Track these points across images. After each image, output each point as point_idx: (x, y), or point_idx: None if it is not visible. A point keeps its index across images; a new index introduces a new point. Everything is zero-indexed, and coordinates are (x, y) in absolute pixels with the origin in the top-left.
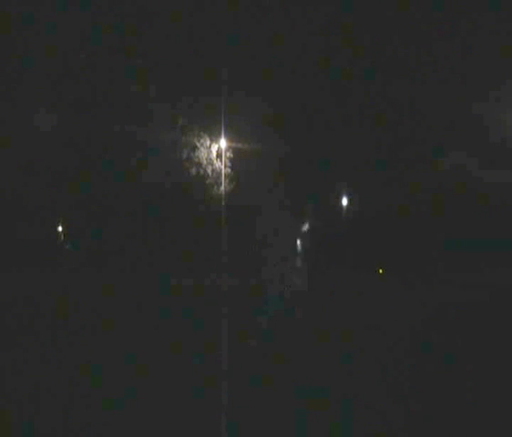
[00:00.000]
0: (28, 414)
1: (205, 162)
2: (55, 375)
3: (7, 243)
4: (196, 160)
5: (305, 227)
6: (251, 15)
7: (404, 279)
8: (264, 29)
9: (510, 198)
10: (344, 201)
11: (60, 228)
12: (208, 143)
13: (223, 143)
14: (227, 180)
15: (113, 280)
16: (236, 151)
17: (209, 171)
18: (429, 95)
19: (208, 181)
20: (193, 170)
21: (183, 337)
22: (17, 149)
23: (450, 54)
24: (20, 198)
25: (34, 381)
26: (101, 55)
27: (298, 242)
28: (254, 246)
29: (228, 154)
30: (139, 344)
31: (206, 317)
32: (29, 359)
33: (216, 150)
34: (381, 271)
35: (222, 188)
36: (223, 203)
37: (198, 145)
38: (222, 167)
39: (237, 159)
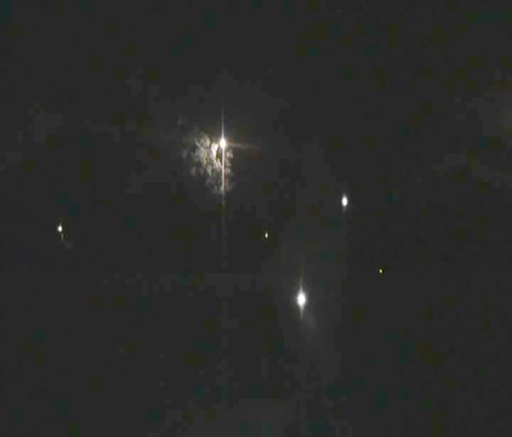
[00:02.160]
0: (28, 413)
1: (205, 162)
2: (55, 374)
3: (7, 243)
4: (196, 160)
5: (307, 226)
6: (252, 15)
7: (404, 277)
8: (264, 29)
9: (510, 199)
10: (345, 201)
11: (60, 229)
12: (208, 143)
13: (223, 143)
14: (227, 180)
15: (113, 280)
16: (236, 151)
17: (209, 171)
18: (429, 95)
19: (208, 181)
20: (193, 170)
21: (183, 336)
22: (17, 149)
23: (450, 54)
24: (20, 198)
25: (34, 380)
26: (101, 55)
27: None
28: (254, 245)
29: (228, 154)
30: (140, 343)
31: (206, 317)
32: (29, 358)
33: (216, 150)
34: (381, 271)
35: (222, 188)
36: (223, 203)
37: (198, 145)
38: (222, 167)
39: (237, 159)
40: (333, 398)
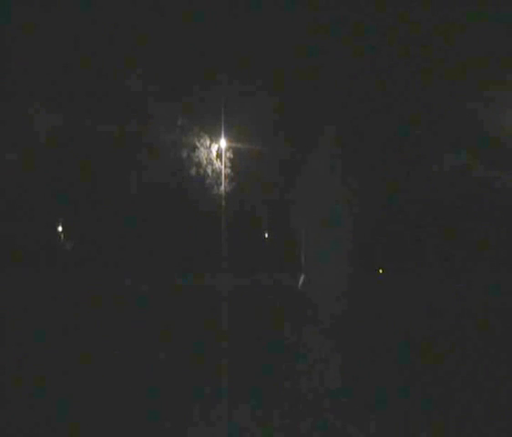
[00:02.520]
0: (28, 413)
1: (205, 162)
2: (55, 374)
3: (7, 243)
4: (196, 160)
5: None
6: (251, 15)
7: (404, 277)
8: (264, 29)
9: (510, 199)
10: (345, 201)
11: (60, 228)
12: (208, 143)
13: (223, 143)
14: (227, 180)
15: (112, 281)
16: (236, 151)
17: (209, 171)
18: (429, 95)
19: (208, 181)
20: (193, 170)
21: (183, 337)
22: (17, 149)
23: (450, 54)
24: (20, 198)
25: (34, 380)
26: (102, 56)
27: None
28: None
29: (228, 154)
30: (140, 343)
31: (206, 317)
32: (29, 358)
33: (216, 150)
34: (381, 271)
35: (222, 188)
36: (223, 203)
37: (198, 145)
38: (222, 167)
39: (237, 159)
40: (334, 398)
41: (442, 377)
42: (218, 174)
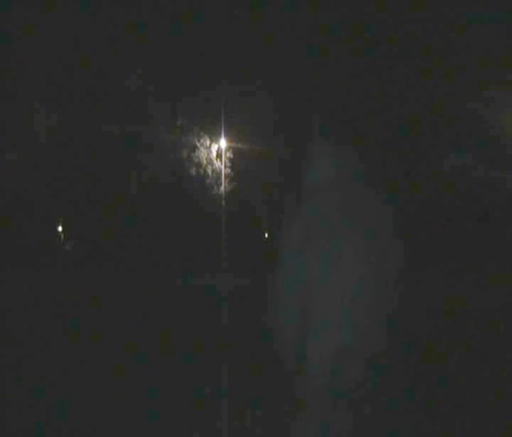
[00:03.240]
0: (28, 416)
1: (205, 162)
2: (55, 374)
3: (7, 243)
4: (196, 160)
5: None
6: (252, 15)
7: (405, 278)
8: (264, 29)
9: (510, 199)
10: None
11: (60, 228)
12: (208, 143)
13: (223, 143)
14: (227, 180)
15: (113, 281)
16: (236, 151)
17: (209, 171)
18: (429, 95)
19: (208, 181)
20: (193, 170)
21: (183, 337)
22: (17, 149)
23: (450, 54)
24: (20, 198)
25: (33, 381)
26: (102, 56)
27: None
28: (254, 245)
29: (228, 154)
30: (139, 343)
31: (205, 316)
32: (29, 360)
33: (216, 150)
34: (381, 271)
35: (222, 188)
36: (223, 203)
37: (198, 145)
38: (222, 167)
39: (237, 159)
40: (334, 398)
41: (444, 377)
42: (218, 174)
